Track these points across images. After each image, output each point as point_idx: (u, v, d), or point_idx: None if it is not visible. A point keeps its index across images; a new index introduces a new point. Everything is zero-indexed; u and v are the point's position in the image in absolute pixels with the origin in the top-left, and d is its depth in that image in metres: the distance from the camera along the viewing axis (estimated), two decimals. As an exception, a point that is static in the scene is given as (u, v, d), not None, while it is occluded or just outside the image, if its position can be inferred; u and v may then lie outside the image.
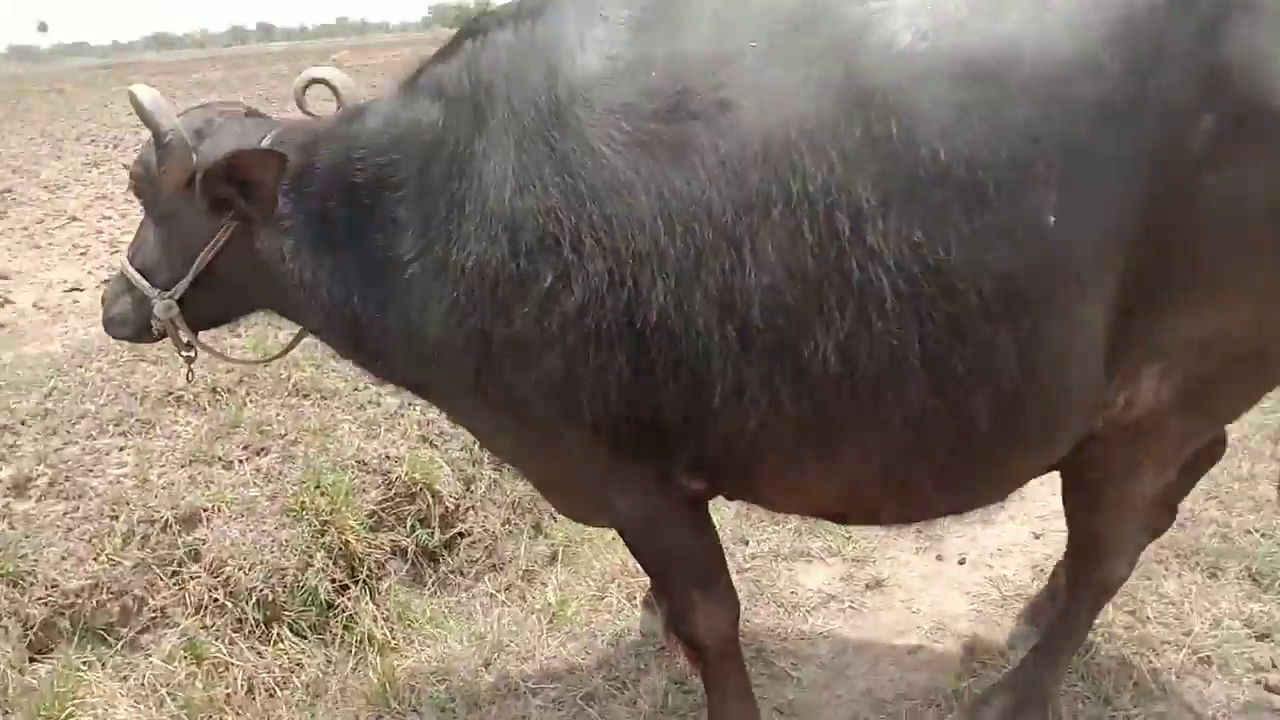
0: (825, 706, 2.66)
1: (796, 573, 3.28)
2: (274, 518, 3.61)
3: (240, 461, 3.89)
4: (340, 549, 3.82)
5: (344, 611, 3.73)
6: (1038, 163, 1.64)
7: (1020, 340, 1.73)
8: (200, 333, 2.43)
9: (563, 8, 1.95)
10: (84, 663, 2.89)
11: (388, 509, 4.08)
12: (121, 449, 3.90)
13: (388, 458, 4.22)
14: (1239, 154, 1.64)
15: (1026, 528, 3.45)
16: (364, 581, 3.84)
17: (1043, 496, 3.60)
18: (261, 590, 3.30)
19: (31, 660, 3.01)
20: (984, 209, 1.65)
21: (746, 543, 3.50)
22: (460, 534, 4.38)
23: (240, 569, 3.30)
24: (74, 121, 21.05)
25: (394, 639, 3.62)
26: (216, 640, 3.07)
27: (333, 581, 3.74)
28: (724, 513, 3.80)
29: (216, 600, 3.25)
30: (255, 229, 2.14)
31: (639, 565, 2.90)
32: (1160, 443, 2.02)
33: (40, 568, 3.06)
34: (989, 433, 1.83)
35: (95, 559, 3.22)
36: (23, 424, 3.88)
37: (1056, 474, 2.19)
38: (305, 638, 3.54)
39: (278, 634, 3.38)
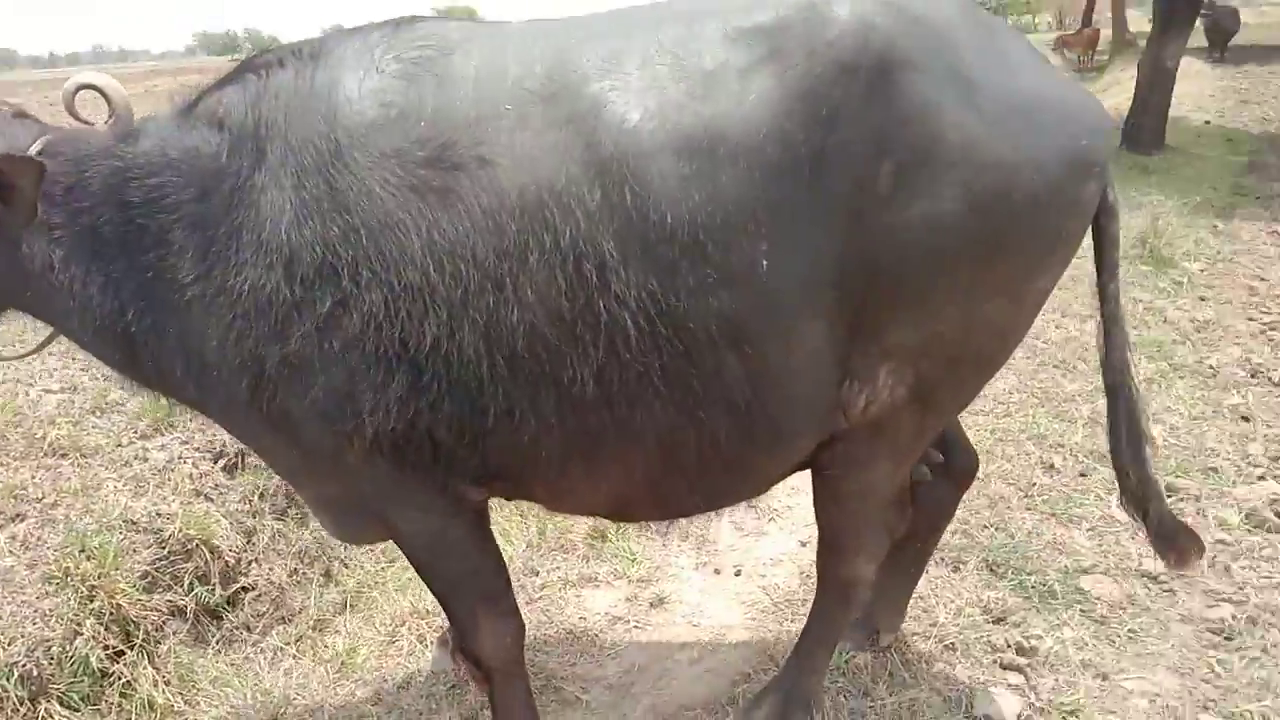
0: (613, 725, 2.78)
1: (584, 598, 3.39)
2: (34, 587, 3.39)
3: (-9, 531, 3.64)
4: (112, 614, 3.62)
5: (120, 679, 3.54)
6: (747, 222, 1.89)
7: (746, 365, 1.99)
8: None
9: (341, 55, 2.07)
10: None
11: (162, 568, 3.90)
12: None
13: (159, 515, 4.03)
14: (923, 190, 1.91)
15: (794, 537, 3.70)
16: (140, 645, 3.66)
17: (807, 506, 3.89)
18: (24, 665, 3.09)
19: None
20: (705, 263, 1.90)
21: (536, 573, 3.58)
22: (244, 588, 4.23)
23: (-2, 644, 3.08)
24: None
25: (176, 702, 3.48)
26: (-27, 724, 2.85)
27: (106, 648, 3.54)
28: (516, 545, 3.88)
29: (-28, 681, 3.02)
30: (20, 233, 2.10)
31: (431, 595, 2.98)
32: (896, 437, 2.26)
33: None
34: (729, 441, 2.10)
35: None
36: None
37: None
38: (78, 710, 3.33)
39: (45, 710, 3.17)
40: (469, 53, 2.04)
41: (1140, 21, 29.44)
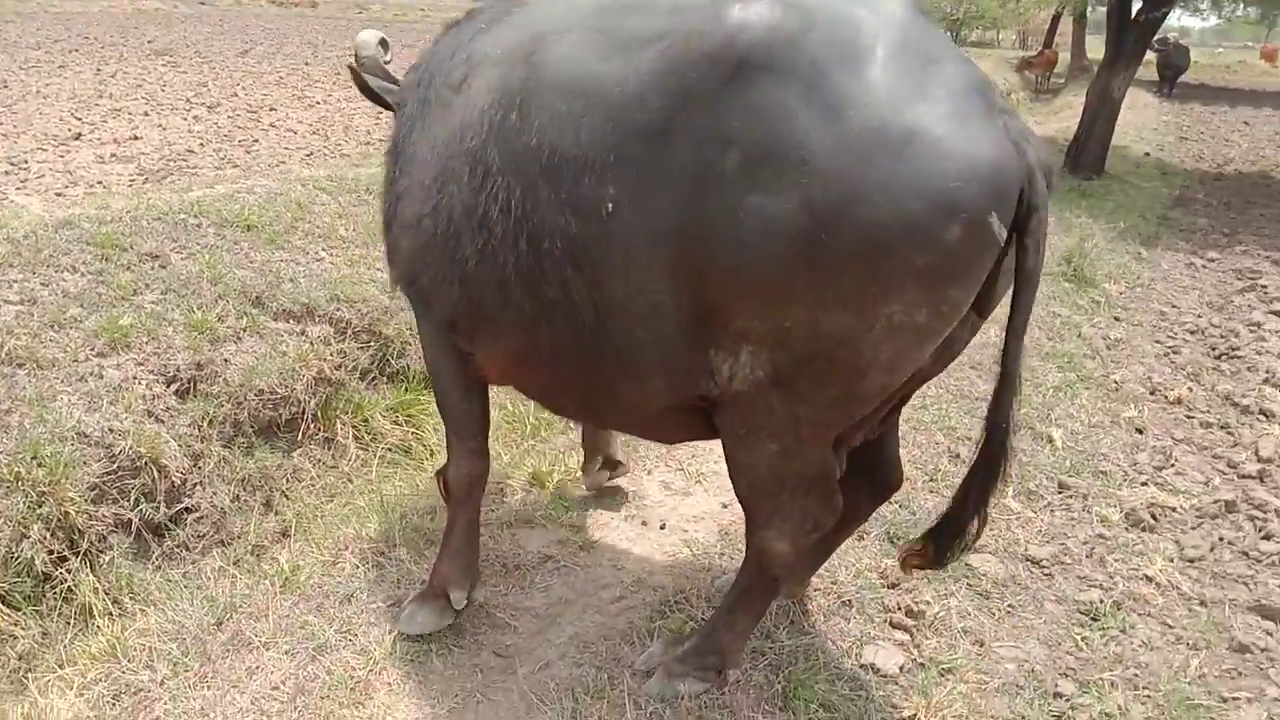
0: (538, 649, 3.02)
1: (519, 537, 3.63)
2: (-16, 488, 3.53)
3: (-52, 431, 3.75)
4: (59, 520, 3.77)
5: (62, 583, 3.70)
6: (599, 165, 2.25)
7: (589, 290, 2.34)
8: None
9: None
10: None
11: (110, 482, 4.04)
12: None
13: (110, 430, 4.16)
14: (764, 185, 2.05)
15: (717, 499, 3.98)
16: (85, 554, 3.82)
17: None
18: (-32, 562, 3.24)
19: None
20: (558, 188, 2.31)
21: (476, 513, 3.81)
22: (187, 509, 4.39)
23: (-53, 540, 3.22)
24: None
25: (119, 608, 3.64)
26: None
27: (51, 553, 3.70)
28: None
29: (-78, 573, 3.17)
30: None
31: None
32: (771, 419, 2.35)
33: None
34: (580, 354, 2.47)
35: None
36: None
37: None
38: (19, 609, 3.49)
39: (-13, 605, 3.33)
40: (494, 24, 2.71)
41: (1098, 49, 30.26)
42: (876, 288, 2.06)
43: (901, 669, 3.02)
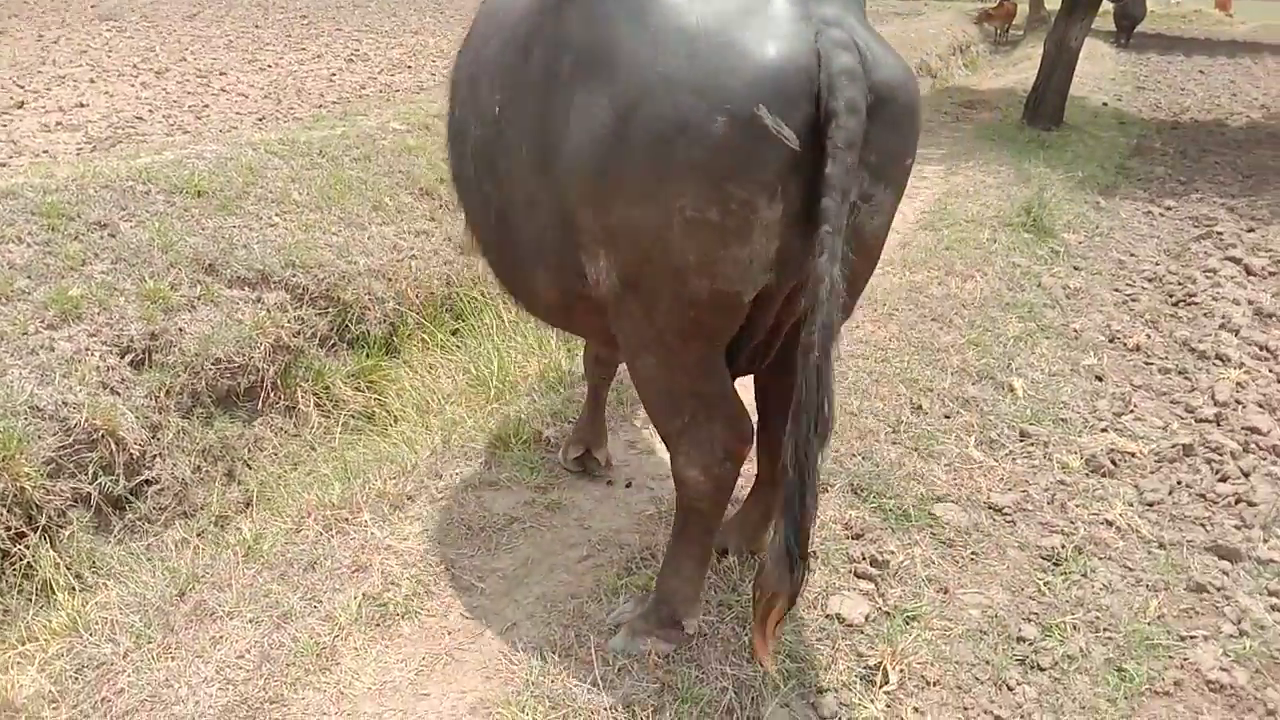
0: (506, 609, 3.01)
1: (484, 499, 3.61)
2: (-62, 465, 3.46)
3: (-104, 406, 3.67)
4: (15, 496, 3.72)
5: (21, 560, 3.64)
6: (492, 76, 2.72)
7: (494, 184, 2.77)
8: None
9: None
10: None
11: (67, 456, 3.99)
12: None
13: (65, 404, 4.10)
14: (586, 85, 2.31)
15: (683, 456, 3.98)
16: (44, 529, 3.76)
17: (698, 430, 4.19)
18: (-73, 539, 3.18)
19: None
20: (475, 101, 2.84)
21: (440, 476, 3.78)
22: (147, 481, 4.34)
23: (-98, 516, 3.16)
24: None
25: (80, 583, 3.60)
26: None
27: (8, 529, 3.65)
28: (420, 452, 4.07)
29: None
30: None
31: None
32: (637, 325, 2.47)
33: None
34: (499, 245, 2.93)
35: None
36: None
37: None
38: (-22, 587, 3.44)
39: (-56, 584, 3.28)
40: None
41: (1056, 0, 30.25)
42: (665, 182, 2.19)
43: (867, 618, 3.05)
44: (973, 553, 3.49)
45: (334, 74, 15.26)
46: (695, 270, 2.26)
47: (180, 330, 4.75)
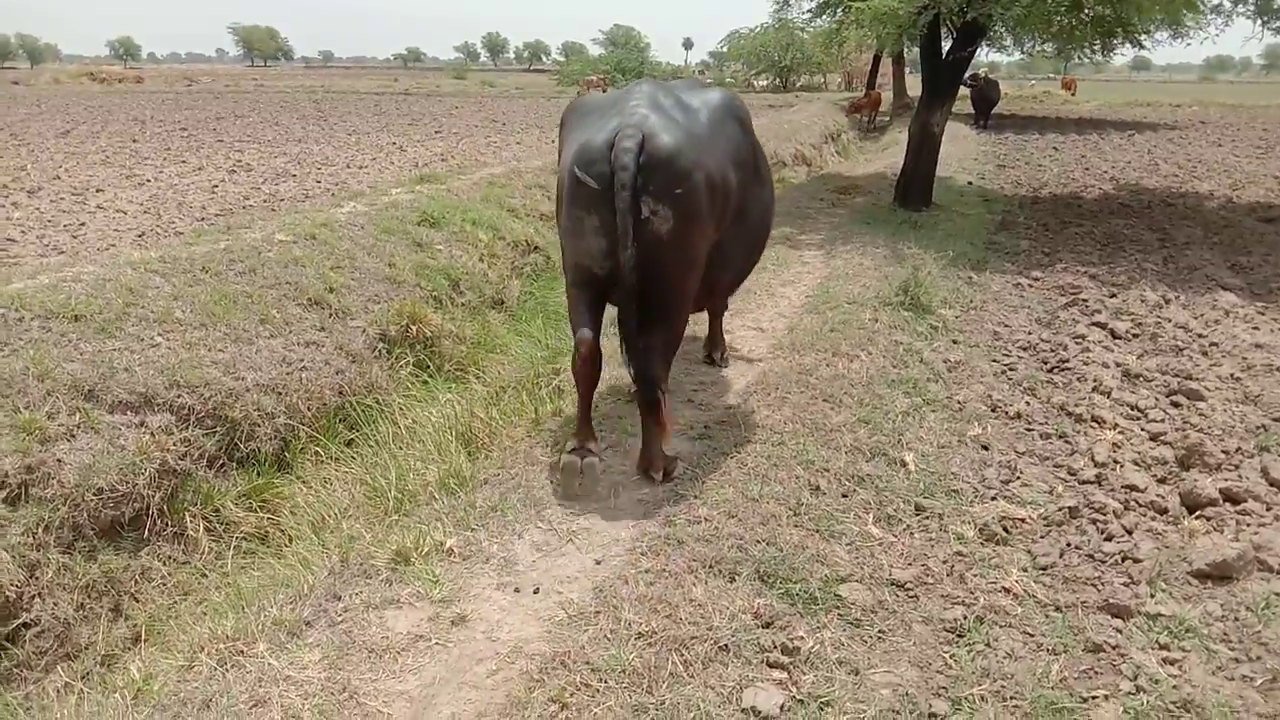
0: (414, 735, 2.92)
1: (387, 619, 3.50)
2: None
3: None
4: (-128, 653, 3.46)
5: (-120, 724, 3.38)
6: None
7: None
8: None
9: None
10: None
11: (-66, 605, 3.74)
12: None
13: (-67, 549, 3.86)
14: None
15: (590, 555, 3.94)
16: (-93, 687, 3.50)
17: (603, 527, 4.17)
18: None
19: None
20: None
21: (339, 598, 3.66)
22: (25, 624, 4.11)
23: None
24: None
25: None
26: None
27: None
28: (319, 572, 3.95)
29: None
30: None
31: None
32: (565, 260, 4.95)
33: None
34: None
35: None
36: None
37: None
38: None
39: None
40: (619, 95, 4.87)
41: (920, 86, 32.06)
42: (568, 201, 4.46)
43: (782, 708, 3.05)
44: (880, 631, 3.54)
45: (216, 186, 15.09)
46: (572, 237, 4.51)
47: (59, 461, 4.55)
